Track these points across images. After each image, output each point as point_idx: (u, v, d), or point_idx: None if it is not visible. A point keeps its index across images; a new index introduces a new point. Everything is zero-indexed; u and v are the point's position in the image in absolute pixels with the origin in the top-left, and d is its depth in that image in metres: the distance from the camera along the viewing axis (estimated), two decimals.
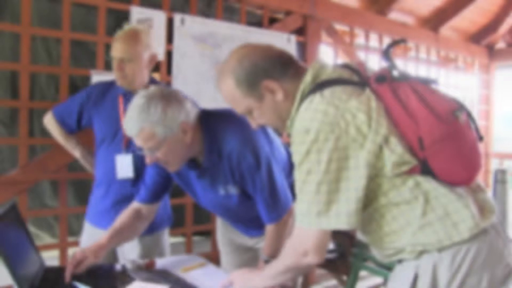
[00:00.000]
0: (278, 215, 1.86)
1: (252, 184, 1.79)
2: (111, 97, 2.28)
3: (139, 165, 2.21)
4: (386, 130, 1.19)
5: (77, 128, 2.33)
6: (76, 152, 2.41)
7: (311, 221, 1.21)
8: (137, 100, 1.64)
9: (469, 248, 1.22)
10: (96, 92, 2.29)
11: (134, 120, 1.62)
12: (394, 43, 1.41)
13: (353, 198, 1.18)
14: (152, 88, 1.69)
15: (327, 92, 1.24)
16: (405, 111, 1.21)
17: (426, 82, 1.27)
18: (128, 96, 2.21)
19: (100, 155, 2.27)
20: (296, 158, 1.22)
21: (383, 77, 1.26)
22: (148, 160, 1.72)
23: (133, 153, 2.19)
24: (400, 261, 1.34)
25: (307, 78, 1.31)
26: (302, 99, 1.29)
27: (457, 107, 1.22)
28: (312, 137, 1.18)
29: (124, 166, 2.21)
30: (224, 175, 1.80)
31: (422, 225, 1.23)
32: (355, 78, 1.31)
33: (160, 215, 2.25)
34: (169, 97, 1.65)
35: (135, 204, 1.99)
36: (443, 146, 1.19)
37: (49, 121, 2.34)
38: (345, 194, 1.18)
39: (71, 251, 2.52)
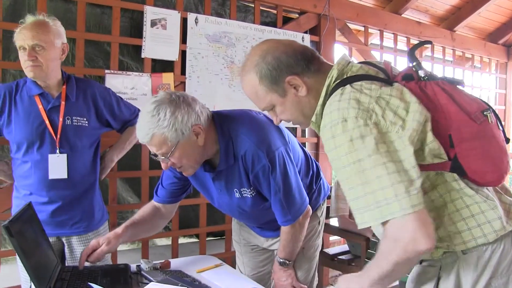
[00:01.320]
0: (294, 217, 1.84)
1: (267, 185, 1.77)
2: (23, 99, 2.09)
3: (74, 165, 2.14)
4: (424, 115, 1.16)
5: None
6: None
7: (402, 203, 1.06)
8: (147, 107, 1.64)
9: (494, 250, 1.20)
10: (2, 97, 2.06)
11: (145, 127, 1.62)
12: (420, 44, 1.40)
13: (415, 176, 1.10)
14: (161, 93, 1.68)
15: (357, 84, 1.21)
16: (436, 107, 1.18)
17: (452, 82, 1.25)
18: (45, 95, 2.11)
19: (32, 161, 2.09)
20: (337, 152, 1.14)
21: (410, 76, 1.25)
22: (163, 166, 1.71)
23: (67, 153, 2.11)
24: (420, 262, 1.32)
25: (333, 73, 1.29)
26: (328, 94, 1.27)
27: (486, 107, 1.21)
28: (351, 125, 1.13)
29: (57, 166, 2.10)
30: (239, 177, 1.79)
31: (447, 225, 1.20)
32: (381, 75, 1.29)
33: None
34: (178, 101, 1.64)
35: (154, 202, 2.01)
36: (473, 145, 1.16)
37: None
38: (407, 174, 1.09)
39: None
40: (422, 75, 1.24)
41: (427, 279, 1.28)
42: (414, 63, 1.26)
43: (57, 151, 2.09)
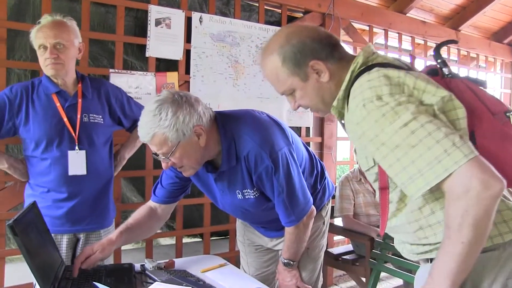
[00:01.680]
0: (297, 218, 1.83)
1: (270, 186, 1.76)
2: (40, 97, 2.13)
3: (92, 162, 2.19)
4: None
5: None
6: (3, 163, 2.19)
7: (454, 156, 1.02)
8: (149, 106, 1.63)
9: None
10: (19, 96, 2.10)
11: (146, 126, 1.61)
12: (446, 43, 1.41)
13: (458, 132, 1.07)
14: (164, 92, 1.67)
15: (383, 68, 1.21)
16: (461, 101, 1.16)
17: (476, 82, 1.25)
18: (62, 93, 2.16)
19: (51, 157, 2.13)
20: (378, 125, 1.11)
21: (435, 71, 1.26)
22: (164, 165, 1.70)
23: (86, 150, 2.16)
24: (430, 260, 1.30)
25: (359, 60, 1.28)
26: (352, 80, 1.25)
27: (508, 109, 1.20)
28: (387, 99, 1.12)
29: (76, 162, 2.14)
30: (242, 177, 1.78)
31: None
32: (405, 68, 1.28)
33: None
34: (180, 101, 1.63)
35: (151, 203, 1.98)
36: (495, 144, 1.15)
37: None
38: (449, 130, 1.06)
39: None
40: (447, 73, 1.25)
41: None
42: (439, 60, 1.27)
43: (76, 147, 2.14)
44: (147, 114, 1.62)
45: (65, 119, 2.12)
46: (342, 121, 1.35)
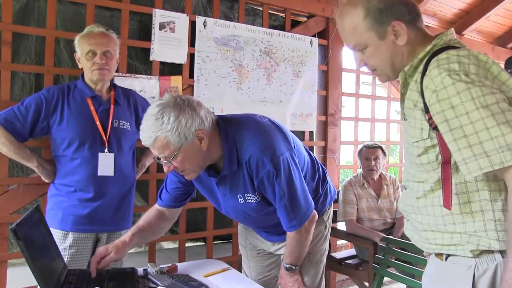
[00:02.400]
0: (299, 223, 1.83)
1: (271, 191, 1.76)
2: (76, 100, 2.27)
3: (119, 165, 2.30)
4: None
5: (29, 135, 2.21)
6: (33, 161, 2.25)
7: None
8: (151, 110, 1.64)
9: None
10: (56, 97, 2.23)
11: (148, 130, 1.61)
12: None
13: None
14: (166, 96, 1.68)
15: (465, 49, 1.24)
16: None
17: None
18: (97, 98, 2.29)
19: (81, 157, 2.23)
20: (460, 97, 1.14)
21: None
22: (165, 169, 1.70)
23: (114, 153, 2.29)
24: (447, 256, 1.29)
25: (443, 37, 1.31)
26: (432, 53, 1.27)
27: None
28: (474, 76, 1.15)
29: (105, 164, 2.26)
30: (244, 182, 1.78)
31: (496, 219, 1.20)
32: None
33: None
34: (182, 105, 1.63)
35: (158, 206, 2.00)
36: None
37: None
38: None
39: None
40: None
41: (461, 277, 1.24)
42: (509, 71, 1.29)
43: (106, 150, 2.26)
44: (149, 118, 1.62)
45: (98, 123, 2.26)
46: (402, 91, 1.37)
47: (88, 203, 2.24)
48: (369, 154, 3.55)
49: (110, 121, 2.29)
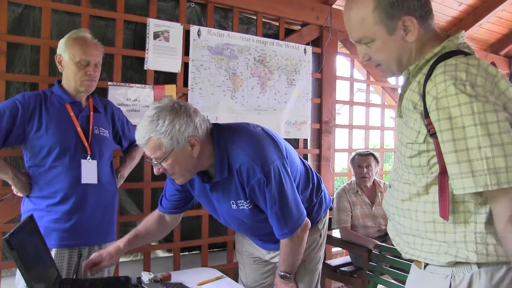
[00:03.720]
0: (291, 230, 1.85)
1: (262, 199, 1.78)
2: (54, 106, 2.16)
3: (101, 173, 2.21)
4: None
5: (2, 144, 2.06)
6: (7, 172, 2.09)
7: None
8: (149, 111, 1.69)
9: (510, 269, 1.17)
10: (32, 103, 2.11)
11: (143, 130, 1.67)
12: None
13: None
14: (165, 100, 1.73)
15: (483, 61, 1.20)
16: None
17: None
18: (76, 104, 2.21)
19: (62, 165, 2.11)
20: (460, 110, 1.10)
21: None
22: (155, 170, 1.75)
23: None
24: (426, 265, 1.29)
25: (454, 40, 1.26)
26: (440, 56, 1.23)
27: None
28: (480, 90, 1.11)
29: (88, 171, 2.16)
30: (236, 189, 1.81)
31: (477, 232, 1.18)
32: None
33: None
34: (178, 111, 1.68)
35: (159, 212, 2.06)
36: None
37: None
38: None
39: None
40: None
41: (437, 285, 1.24)
42: None
43: (88, 157, 2.16)
44: (145, 119, 1.68)
45: (79, 129, 2.16)
46: (400, 90, 1.34)
47: (70, 215, 2.11)
48: (361, 161, 3.57)
49: (91, 128, 2.21)
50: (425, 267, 1.30)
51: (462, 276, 1.21)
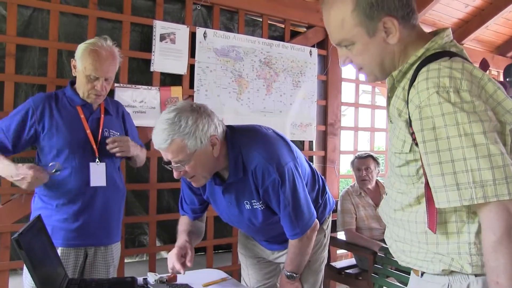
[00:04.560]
0: (302, 231, 1.87)
1: (276, 200, 1.80)
2: (65, 107, 2.17)
3: (110, 176, 2.21)
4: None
5: (13, 149, 2.09)
6: (29, 172, 1.97)
7: (509, 189, 1.00)
8: (167, 114, 1.67)
9: None
10: (43, 104, 2.12)
11: (165, 132, 1.64)
12: None
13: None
14: (180, 102, 1.74)
15: (467, 62, 1.14)
16: None
17: None
18: (87, 106, 2.20)
19: (71, 167, 2.12)
20: (444, 120, 1.05)
21: (503, 85, 1.21)
22: (175, 174, 1.73)
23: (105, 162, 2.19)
24: (423, 273, 1.27)
25: (438, 40, 1.20)
26: (425, 58, 1.17)
27: None
28: (466, 95, 1.05)
29: (97, 174, 2.16)
30: (249, 191, 1.82)
31: (471, 242, 1.14)
32: None
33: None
34: (199, 111, 1.68)
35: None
36: None
37: None
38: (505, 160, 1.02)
39: None
40: None
41: None
42: (508, 79, 1.24)
43: (97, 159, 2.17)
44: (164, 121, 1.65)
45: (88, 131, 2.17)
46: (389, 94, 1.28)
47: (77, 216, 2.13)
48: (360, 164, 3.58)
49: (101, 130, 2.21)
50: (422, 275, 1.28)
51: (459, 285, 1.17)
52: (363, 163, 3.58)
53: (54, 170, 2.02)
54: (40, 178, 1.98)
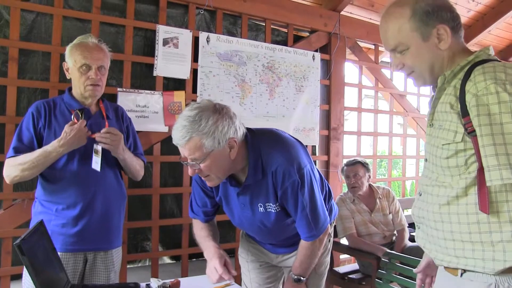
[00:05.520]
0: (318, 233, 1.90)
1: (293, 201, 1.82)
2: (63, 113, 2.16)
3: (109, 180, 2.21)
4: None
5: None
6: (53, 143, 2.03)
7: None
8: (189, 112, 1.67)
9: None
10: (43, 110, 2.13)
11: (184, 129, 1.65)
12: None
13: None
14: (205, 101, 1.74)
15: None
16: None
17: None
18: (86, 111, 2.17)
19: (71, 172, 2.11)
20: (502, 107, 1.18)
21: None
22: (190, 172, 1.74)
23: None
24: (463, 272, 1.29)
25: (486, 50, 1.35)
26: (473, 63, 1.30)
27: None
28: None
29: (96, 159, 2.14)
30: (266, 192, 1.83)
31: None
32: None
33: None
34: (221, 112, 1.69)
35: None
36: None
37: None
38: None
39: None
40: None
41: None
42: None
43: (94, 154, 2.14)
44: (185, 118, 1.66)
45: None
46: (436, 95, 1.38)
47: (77, 221, 2.11)
48: (348, 171, 3.56)
49: None
50: (462, 274, 1.29)
51: (507, 286, 1.20)
52: (351, 170, 3.55)
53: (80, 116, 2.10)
54: (75, 127, 2.01)
